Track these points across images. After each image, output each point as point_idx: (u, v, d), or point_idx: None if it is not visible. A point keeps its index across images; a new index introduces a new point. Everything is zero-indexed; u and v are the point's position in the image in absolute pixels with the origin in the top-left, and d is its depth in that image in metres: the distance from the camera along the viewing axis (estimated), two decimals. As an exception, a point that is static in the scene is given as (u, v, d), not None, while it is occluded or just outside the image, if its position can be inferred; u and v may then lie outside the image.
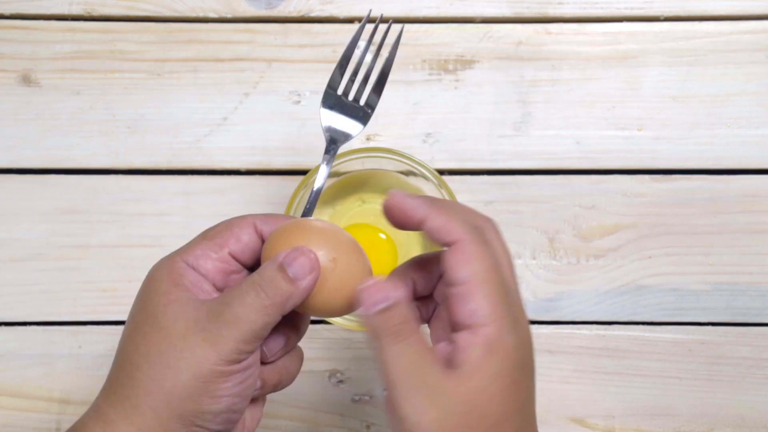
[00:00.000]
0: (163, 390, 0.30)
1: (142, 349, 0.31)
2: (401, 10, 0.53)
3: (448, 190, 0.46)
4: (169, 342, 0.31)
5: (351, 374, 0.50)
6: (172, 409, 0.30)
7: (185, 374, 0.30)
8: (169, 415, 0.30)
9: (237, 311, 0.30)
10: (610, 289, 0.51)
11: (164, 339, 0.31)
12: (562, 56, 0.53)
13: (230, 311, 0.30)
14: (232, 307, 0.30)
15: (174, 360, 0.30)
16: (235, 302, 0.31)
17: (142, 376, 0.31)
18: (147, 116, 0.52)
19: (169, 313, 0.31)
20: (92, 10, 0.53)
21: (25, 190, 0.51)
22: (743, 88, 0.52)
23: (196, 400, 0.30)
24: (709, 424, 0.50)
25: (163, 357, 0.30)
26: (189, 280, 0.32)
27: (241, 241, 0.33)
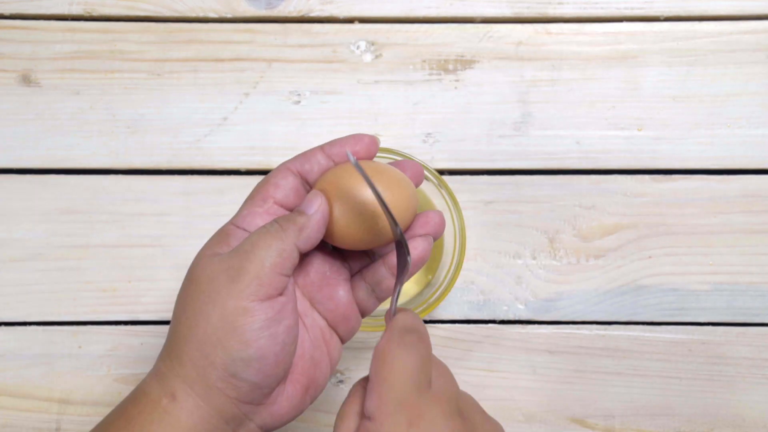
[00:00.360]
0: (196, 337, 0.32)
1: (180, 304, 0.33)
2: (401, 10, 0.53)
3: (448, 191, 0.46)
4: (199, 290, 0.32)
5: (351, 374, 0.50)
6: (206, 357, 0.32)
7: (213, 316, 0.31)
8: (204, 364, 0.32)
9: (254, 240, 0.32)
10: (610, 289, 0.51)
11: (195, 289, 0.32)
12: (562, 56, 0.53)
13: (249, 242, 0.32)
14: (251, 239, 0.32)
15: (203, 304, 0.32)
16: (254, 235, 0.32)
17: (181, 327, 0.33)
18: (147, 116, 0.52)
19: (201, 266, 0.33)
20: (92, 10, 0.53)
21: (25, 190, 0.51)
22: (743, 88, 0.52)
23: (226, 347, 0.31)
24: (709, 424, 0.50)
25: (195, 304, 0.32)
26: (235, 237, 0.34)
27: (280, 187, 0.34)
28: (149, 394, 0.32)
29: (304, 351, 0.35)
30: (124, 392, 0.50)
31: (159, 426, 0.32)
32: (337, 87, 0.52)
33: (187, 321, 0.32)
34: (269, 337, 0.32)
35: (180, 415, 0.32)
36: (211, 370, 0.32)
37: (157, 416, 0.32)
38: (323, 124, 0.52)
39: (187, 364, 0.32)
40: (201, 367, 0.32)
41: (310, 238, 0.33)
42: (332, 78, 0.52)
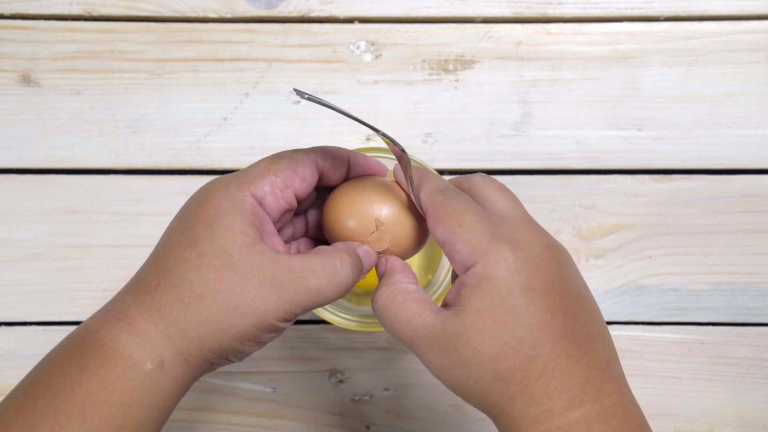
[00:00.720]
0: (221, 327, 0.31)
1: (212, 283, 0.31)
2: (401, 10, 0.53)
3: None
4: (244, 286, 0.31)
5: (351, 374, 0.50)
6: (220, 344, 0.31)
7: (250, 320, 0.31)
8: (212, 347, 0.31)
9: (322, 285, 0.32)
10: (610, 289, 0.51)
11: (239, 281, 0.31)
12: (562, 56, 0.53)
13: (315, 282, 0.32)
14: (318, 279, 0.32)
15: (244, 305, 0.31)
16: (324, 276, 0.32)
17: (204, 308, 0.31)
18: (147, 116, 0.52)
19: (247, 256, 0.31)
20: (92, 10, 0.53)
21: (25, 190, 0.51)
22: (743, 88, 0.52)
23: (244, 343, 0.31)
24: (709, 424, 0.50)
25: (234, 298, 0.31)
26: (260, 220, 0.33)
27: (305, 181, 0.34)
28: (129, 357, 0.30)
29: None
30: (124, 392, 0.50)
31: (142, 393, 0.30)
32: (337, 87, 0.52)
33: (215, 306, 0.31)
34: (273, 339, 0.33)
35: (164, 382, 0.30)
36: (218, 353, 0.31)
37: (139, 383, 0.29)
38: (323, 124, 0.52)
39: (193, 341, 0.31)
40: (209, 348, 0.31)
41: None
42: (332, 78, 0.52)
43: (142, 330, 0.30)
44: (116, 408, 0.29)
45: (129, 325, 0.31)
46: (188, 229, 0.32)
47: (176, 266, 0.32)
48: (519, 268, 0.30)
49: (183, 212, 0.33)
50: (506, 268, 0.30)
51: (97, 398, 0.29)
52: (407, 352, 0.50)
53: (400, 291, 0.32)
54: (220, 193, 0.33)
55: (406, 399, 0.50)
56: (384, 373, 0.50)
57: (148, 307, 0.31)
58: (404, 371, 0.50)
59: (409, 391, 0.50)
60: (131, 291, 0.32)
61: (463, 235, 0.30)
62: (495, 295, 0.29)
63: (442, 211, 0.32)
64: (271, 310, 0.31)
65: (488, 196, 0.33)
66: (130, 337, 0.30)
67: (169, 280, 0.31)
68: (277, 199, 0.33)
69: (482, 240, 0.30)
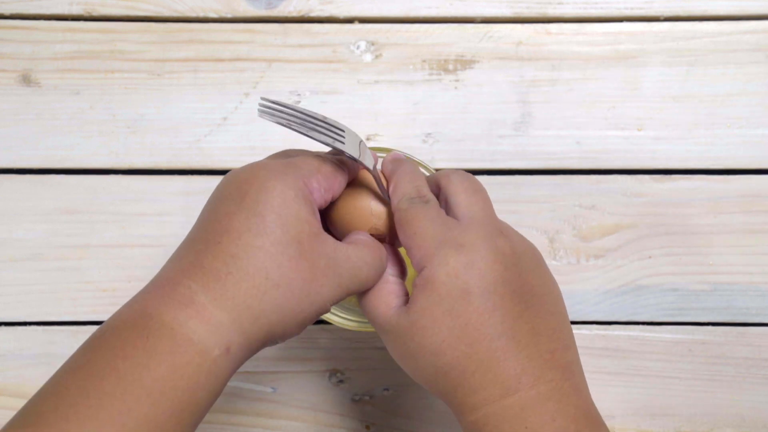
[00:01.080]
0: (291, 314, 0.32)
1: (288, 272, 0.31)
2: (401, 10, 0.53)
3: None
4: (314, 275, 0.32)
5: (351, 374, 0.50)
6: (284, 329, 0.32)
7: (315, 307, 0.32)
8: (275, 332, 0.32)
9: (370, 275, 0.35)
10: (610, 289, 0.51)
11: (310, 270, 0.32)
12: (562, 56, 0.53)
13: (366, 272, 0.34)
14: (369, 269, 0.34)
15: (315, 293, 0.32)
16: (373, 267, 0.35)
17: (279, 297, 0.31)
18: (147, 116, 0.52)
19: (315, 246, 0.32)
20: (92, 10, 0.53)
21: (25, 190, 0.51)
22: (743, 88, 0.52)
23: (301, 328, 0.33)
24: (709, 424, 0.50)
25: (306, 286, 0.32)
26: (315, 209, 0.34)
27: (341, 189, 0.36)
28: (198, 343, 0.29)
29: None
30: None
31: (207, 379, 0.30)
32: (337, 87, 0.52)
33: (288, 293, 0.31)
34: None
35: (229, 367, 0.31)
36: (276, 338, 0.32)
37: (206, 368, 0.30)
38: (323, 124, 0.52)
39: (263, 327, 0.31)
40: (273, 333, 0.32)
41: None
42: (332, 78, 0.52)
43: (213, 317, 0.30)
44: (182, 392, 0.29)
45: (198, 312, 0.30)
46: (256, 216, 0.32)
47: (249, 254, 0.31)
48: (458, 273, 0.32)
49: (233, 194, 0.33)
50: (446, 273, 0.32)
51: (166, 383, 0.29)
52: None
53: (383, 281, 0.35)
54: (281, 181, 0.33)
55: (406, 399, 0.50)
56: (384, 373, 0.50)
57: (220, 294, 0.31)
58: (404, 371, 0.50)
59: (409, 391, 0.50)
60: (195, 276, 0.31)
61: (416, 241, 0.33)
62: (435, 296, 0.32)
63: (403, 219, 0.34)
64: (331, 297, 0.33)
65: (455, 196, 0.35)
66: (199, 324, 0.30)
67: (242, 268, 0.31)
68: (322, 197, 0.34)
69: (431, 245, 0.33)
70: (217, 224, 0.32)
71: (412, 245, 0.34)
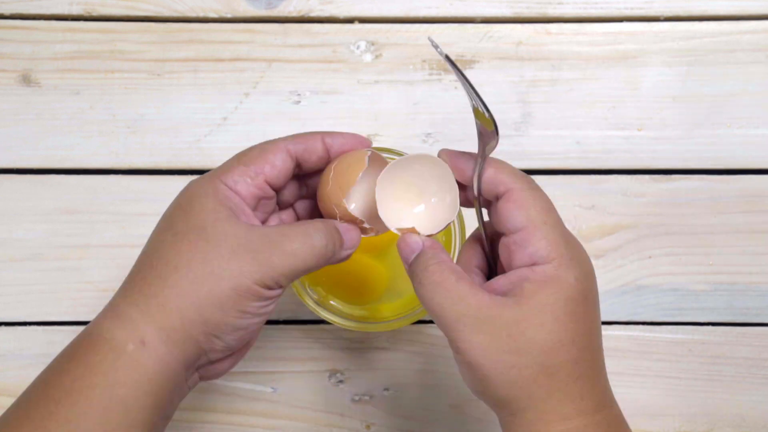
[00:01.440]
0: (198, 294, 0.31)
1: (186, 254, 0.32)
2: (401, 10, 0.53)
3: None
4: (217, 252, 0.32)
5: (351, 374, 0.50)
6: (200, 314, 0.32)
7: (225, 283, 0.32)
8: (194, 319, 0.32)
9: (296, 247, 0.33)
10: (610, 289, 0.51)
11: (213, 249, 0.32)
12: (562, 56, 0.53)
13: (289, 244, 0.33)
14: (291, 242, 0.33)
15: (218, 269, 0.32)
16: (297, 239, 0.33)
17: (180, 278, 0.32)
18: (147, 116, 0.52)
19: (220, 228, 0.32)
20: (92, 10, 0.53)
21: (25, 190, 0.51)
22: (743, 88, 0.52)
23: (225, 312, 0.32)
24: (709, 424, 0.50)
25: (207, 265, 0.32)
26: (233, 202, 0.34)
27: (275, 167, 0.35)
28: (111, 339, 0.31)
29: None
30: (124, 392, 0.50)
31: (125, 373, 0.30)
32: (337, 87, 0.52)
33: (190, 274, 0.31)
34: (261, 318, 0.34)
35: (147, 361, 0.31)
36: (200, 325, 0.32)
37: (122, 363, 0.30)
38: (323, 124, 0.52)
39: (173, 313, 0.31)
40: (189, 320, 0.31)
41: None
42: (332, 78, 0.52)
43: (124, 313, 0.31)
44: (101, 390, 0.30)
45: (113, 313, 0.32)
46: (165, 218, 0.34)
47: (153, 249, 0.33)
48: (583, 279, 0.32)
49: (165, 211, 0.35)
50: (575, 276, 0.32)
51: (83, 382, 0.30)
52: (406, 352, 0.50)
53: (453, 270, 0.33)
54: (193, 184, 0.35)
55: (406, 399, 0.50)
56: (384, 373, 0.50)
57: (129, 294, 0.32)
58: (404, 371, 0.50)
59: (409, 391, 0.50)
60: (120, 287, 0.33)
61: (547, 232, 0.32)
62: (561, 295, 0.31)
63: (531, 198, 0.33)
64: (246, 272, 0.32)
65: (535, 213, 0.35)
66: (112, 322, 0.31)
67: (148, 264, 0.33)
68: (249, 186, 0.34)
69: (560, 243, 0.32)
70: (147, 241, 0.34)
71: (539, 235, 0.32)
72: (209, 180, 0.34)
